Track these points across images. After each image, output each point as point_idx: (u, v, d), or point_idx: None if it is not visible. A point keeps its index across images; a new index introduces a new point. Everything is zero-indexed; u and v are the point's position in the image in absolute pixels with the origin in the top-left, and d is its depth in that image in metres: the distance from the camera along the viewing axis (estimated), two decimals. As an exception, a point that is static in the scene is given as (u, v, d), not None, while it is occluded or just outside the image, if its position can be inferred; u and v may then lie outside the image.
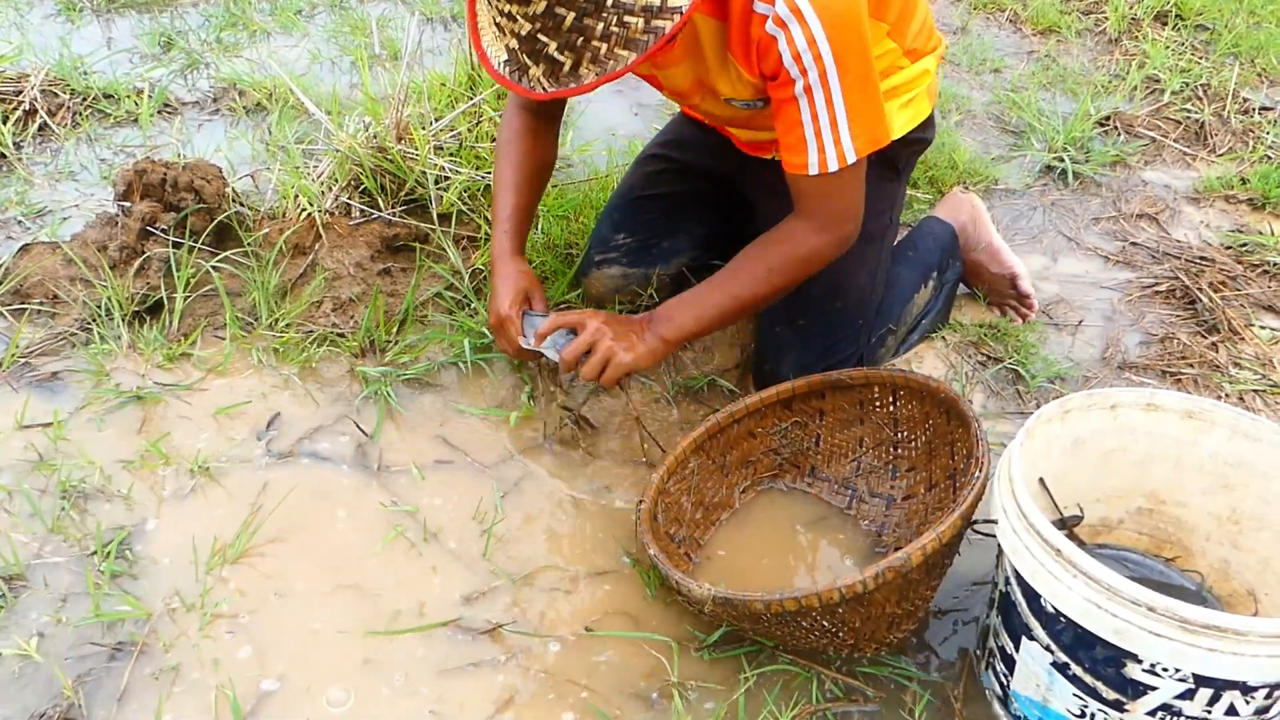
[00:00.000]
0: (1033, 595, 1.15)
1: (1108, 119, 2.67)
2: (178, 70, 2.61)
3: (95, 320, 1.75)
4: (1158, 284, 2.11)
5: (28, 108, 2.30)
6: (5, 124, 2.24)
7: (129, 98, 2.41)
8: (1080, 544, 1.40)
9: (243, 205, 1.96)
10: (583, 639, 1.37)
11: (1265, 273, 2.15)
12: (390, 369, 1.72)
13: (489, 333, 1.66)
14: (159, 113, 2.41)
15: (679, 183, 1.82)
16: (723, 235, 1.86)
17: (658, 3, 1.17)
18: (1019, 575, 1.16)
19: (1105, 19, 3.22)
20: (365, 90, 2.19)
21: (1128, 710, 1.13)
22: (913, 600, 1.30)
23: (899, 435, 1.59)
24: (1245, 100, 2.80)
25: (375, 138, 1.99)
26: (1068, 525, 1.37)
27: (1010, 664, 1.24)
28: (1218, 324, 1.99)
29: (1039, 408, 1.30)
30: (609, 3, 1.16)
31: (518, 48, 1.22)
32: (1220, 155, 2.60)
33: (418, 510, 1.52)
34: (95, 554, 1.40)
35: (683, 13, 1.17)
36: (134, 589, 1.37)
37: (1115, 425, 1.37)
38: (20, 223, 2.02)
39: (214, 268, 1.81)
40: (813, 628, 1.27)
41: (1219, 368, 1.89)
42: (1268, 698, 1.07)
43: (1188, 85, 2.84)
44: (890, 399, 1.58)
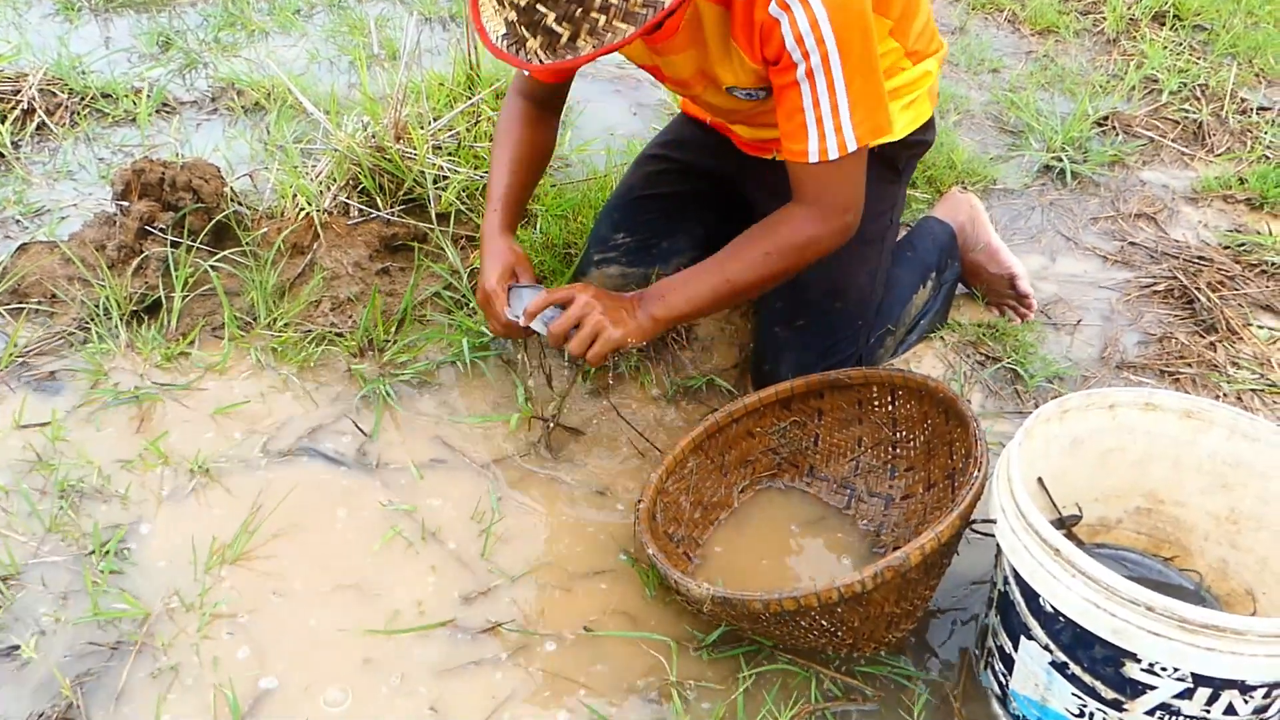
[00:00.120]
0: (1031, 595, 1.15)
1: (1106, 119, 2.67)
2: (176, 70, 2.61)
3: (93, 320, 1.74)
4: (1156, 284, 2.12)
5: (26, 107, 2.30)
6: (3, 123, 2.24)
7: (127, 97, 2.41)
8: (1079, 543, 1.40)
9: (241, 205, 1.96)
10: (581, 638, 1.37)
11: (1263, 272, 2.15)
12: (389, 368, 1.72)
13: (480, 309, 1.62)
14: (157, 112, 2.40)
15: (679, 183, 1.82)
16: (722, 236, 1.85)
17: None
18: (1018, 575, 1.16)
19: (1103, 19, 3.22)
20: (364, 90, 2.19)
21: (1126, 710, 1.13)
22: (911, 600, 1.30)
23: (897, 435, 1.59)
24: (1243, 100, 2.81)
25: (374, 137, 1.99)
26: (1066, 525, 1.37)
27: (1009, 663, 1.24)
28: (1216, 324, 1.99)
29: (1037, 407, 1.31)
30: None
31: (516, 19, 1.21)
32: (1218, 155, 2.60)
33: (416, 509, 1.52)
34: (93, 553, 1.39)
35: None
36: (132, 588, 1.37)
37: (1114, 425, 1.37)
38: (18, 222, 2.02)
39: (212, 267, 1.81)
40: (811, 627, 1.27)
41: (1217, 367, 1.89)
42: (1266, 697, 1.08)
43: (1186, 85, 2.84)
44: (889, 399, 1.58)
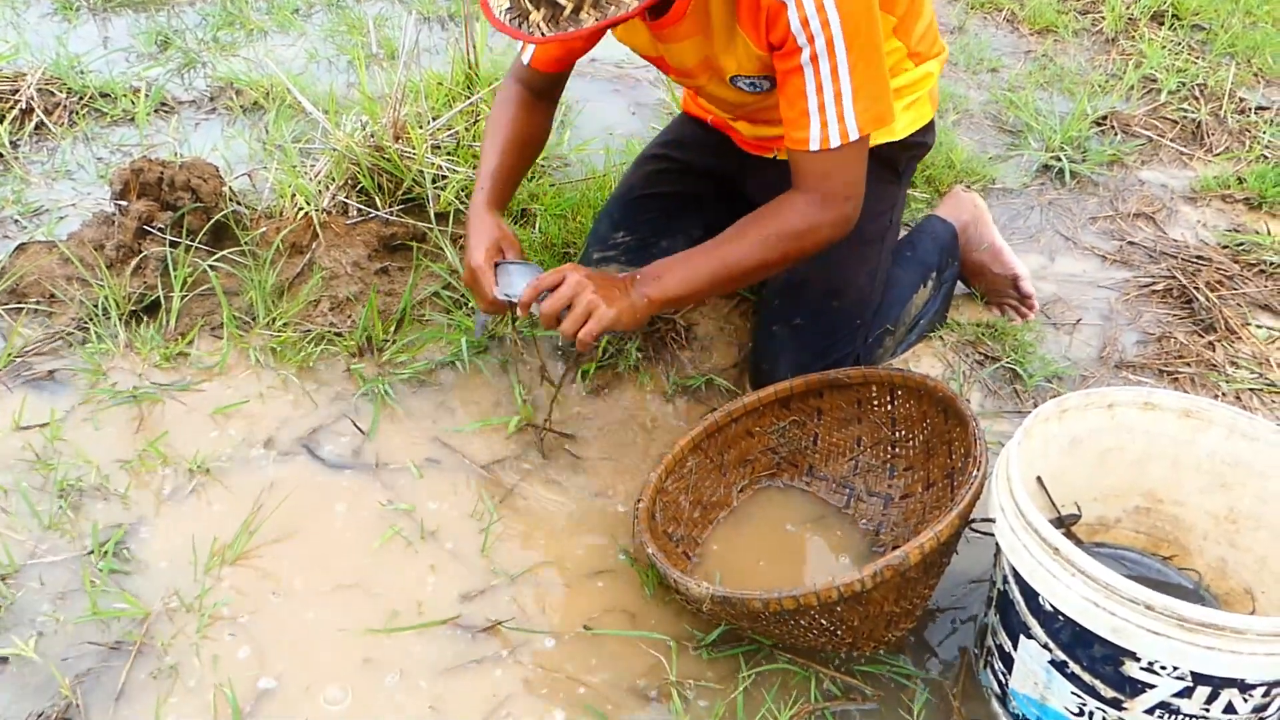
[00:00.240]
0: (1031, 594, 1.16)
1: (1105, 118, 2.67)
2: (174, 69, 2.61)
3: (92, 319, 1.74)
4: (1155, 283, 2.12)
5: (24, 106, 2.30)
6: (2, 123, 2.24)
7: (126, 97, 2.41)
8: (1078, 543, 1.40)
9: (240, 204, 1.95)
10: (581, 637, 1.37)
11: (1262, 272, 2.16)
12: (388, 368, 1.72)
13: (467, 287, 1.58)
14: (156, 112, 2.40)
15: (679, 183, 1.82)
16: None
17: None
18: (1017, 574, 1.17)
19: (1102, 19, 3.22)
20: (362, 89, 2.19)
21: (1126, 708, 1.13)
22: (911, 599, 1.30)
23: (897, 434, 1.59)
24: (1241, 100, 2.81)
25: (372, 137, 1.99)
26: (1065, 524, 1.38)
27: (1009, 662, 1.24)
28: (1214, 323, 1.99)
29: (1036, 407, 1.31)
30: None
31: None
32: (1217, 155, 2.60)
33: (415, 509, 1.52)
34: (92, 553, 1.39)
35: None
36: (132, 588, 1.37)
37: (1113, 424, 1.37)
38: (17, 221, 2.02)
39: (211, 267, 1.81)
40: (811, 626, 1.27)
41: (1216, 367, 1.90)
42: (1265, 695, 1.08)
43: (1184, 85, 2.84)
44: (888, 398, 1.58)
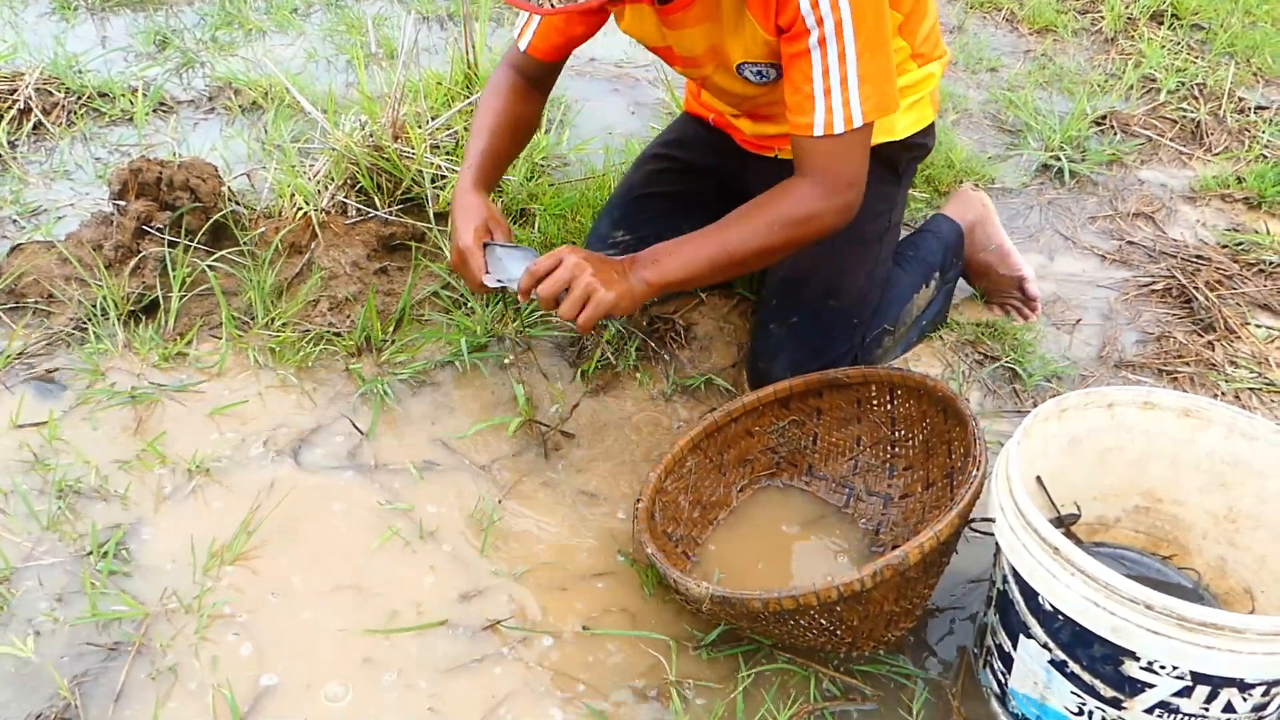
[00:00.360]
0: (1030, 593, 1.15)
1: (1104, 118, 2.67)
2: (173, 69, 2.61)
3: (90, 319, 1.74)
4: (1154, 282, 2.12)
5: (22, 106, 2.30)
6: (0, 123, 2.23)
7: (124, 96, 2.40)
8: (1077, 542, 1.40)
9: (238, 204, 1.95)
10: (580, 637, 1.37)
11: (1261, 271, 2.16)
12: (387, 368, 1.72)
13: (454, 271, 1.54)
14: (154, 111, 2.40)
15: (679, 182, 1.82)
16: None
17: None
18: (1016, 573, 1.16)
19: (1101, 18, 3.22)
20: (361, 89, 2.19)
21: (1125, 708, 1.13)
22: (910, 599, 1.30)
23: (896, 434, 1.59)
24: (1241, 99, 2.81)
25: (371, 136, 1.99)
26: (1065, 523, 1.37)
27: (1008, 662, 1.24)
28: (1214, 322, 1.99)
29: (1036, 406, 1.31)
30: None
31: None
32: (1216, 154, 2.60)
33: (414, 509, 1.52)
34: (91, 554, 1.39)
35: None
36: (130, 588, 1.36)
37: (1112, 424, 1.37)
38: (15, 221, 2.01)
39: (210, 267, 1.81)
40: (810, 626, 1.27)
41: (1215, 366, 1.90)
42: (1265, 695, 1.08)
43: (1184, 84, 2.84)
44: (887, 398, 1.58)
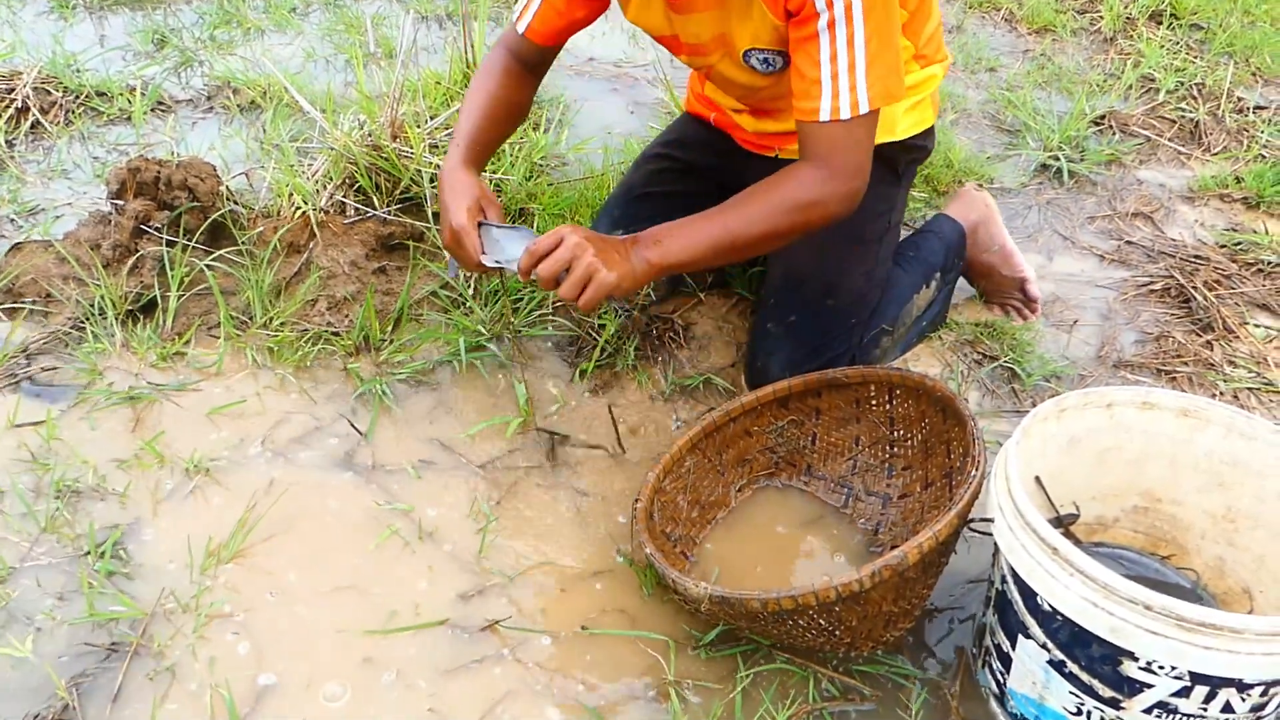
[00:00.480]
0: (1029, 593, 1.15)
1: (1103, 118, 2.67)
2: (171, 68, 2.60)
3: (88, 319, 1.74)
4: (1153, 282, 2.12)
5: (20, 105, 2.29)
6: (-2, 122, 2.23)
7: (122, 95, 2.40)
8: (1076, 542, 1.40)
9: (237, 204, 1.95)
10: (579, 637, 1.37)
11: (1259, 271, 2.16)
12: (385, 368, 1.72)
13: (447, 250, 1.50)
14: (152, 111, 2.40)
15: (679, 182, 1.81)
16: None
17: None
18: (1015, 573, 1.16)
19: (1100, 18, 3.22)
20: (360, 88, 2.19)
21: (1124, 708, 1.13)
22: (909, 599, 1.30)
23: (895, 434, 1.59)
24: (1240, 99, 2.81)
25: (370, 136, 1.98)
26: (1064, 523, 1.38)
27: (1007, 662, 1.24)
28: (1212, 322, 1.99)
29: (1035, 406, 1.31)
30: None
31: None
32: (1215, 154, 2.60)
33: (412, 509, 1.51)
34: (89, 554, 1.39)
35: None
36: (128, 589, 1.36)
37: (1111, 424, 1.37)
38: (13, 221, 2.01)
39: (208, 266, 1.80)
40: (809, 626, 1.27)
41: (1214, 366, 1.90)
42: (1263, 695, 1.08)
43: (1182, 84, 2.84)
44: (886, 398, 1.58)
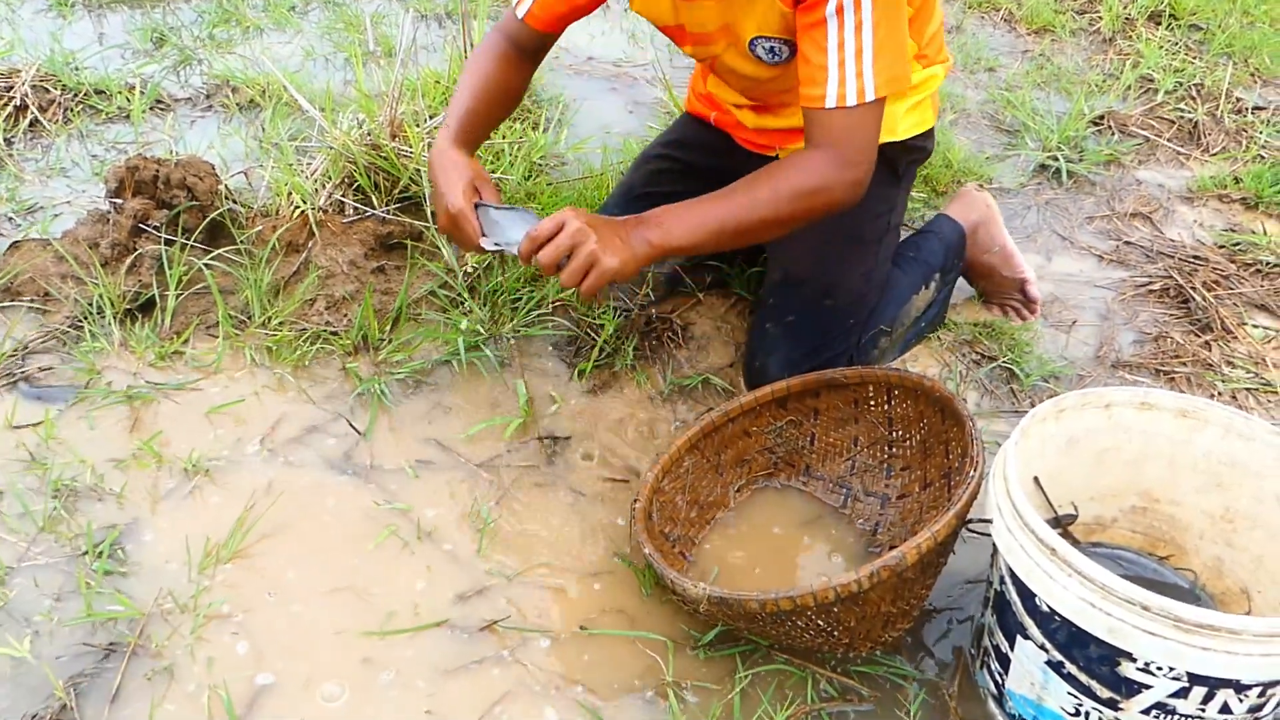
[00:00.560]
0: (1027, 594, 1.15)
1: (1102, 118, 2.67)
2: (170, 66, 2.60)
3: (86, 318, 1.73)
4: (1151, 283, 2.12)
5: (18, 104, 2.29)
6: (-4, 120, 2.23)
7: (121, 94, 2.40)
8: (1075, 543, 1.40)
9: (236, 203, 1.95)
10: (577, 638, 1.37)
11: (1258, 272, 2.16)
12: (384, 367, 1.71)
13: (444, 234, 1.47)
14: (151, 109, 2.39)
15: (679, 183, 1.81)
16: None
17: None
18: (1014, 574, 1.16)
19: (1099, 18, 3.22)
20: (359, 87, 2.18)
21: (1122, 709, 1.13)
22: (907, 599, 1.30)
23: (894, 434, 1.59)
24: (1239, 100, 2.81)
25: (369, 135, 1.98)
26: (1062, 524, 1.38)
27: (1005, 663, 1.24)
28: (1211, 323, 1.99)
29: (1033, 406, 1.31)
30: None
31: None
32: (1214, 155, 2.60)
33: (411, 509, 1.51)
34: (87, 554, 1.39)
35: None
36: (126, 589, 1.36)
37: (1109, 424, 1.37)
38: (11, 219, 2.01)
39: (206, 265, 1.80)
40: (808, 627, 1.27)
41: (1212, 366, 1.90)
42: (1261, 696, 1.08)
43: (1181, 85, 2.84)
44: (885, 398, 1.58)
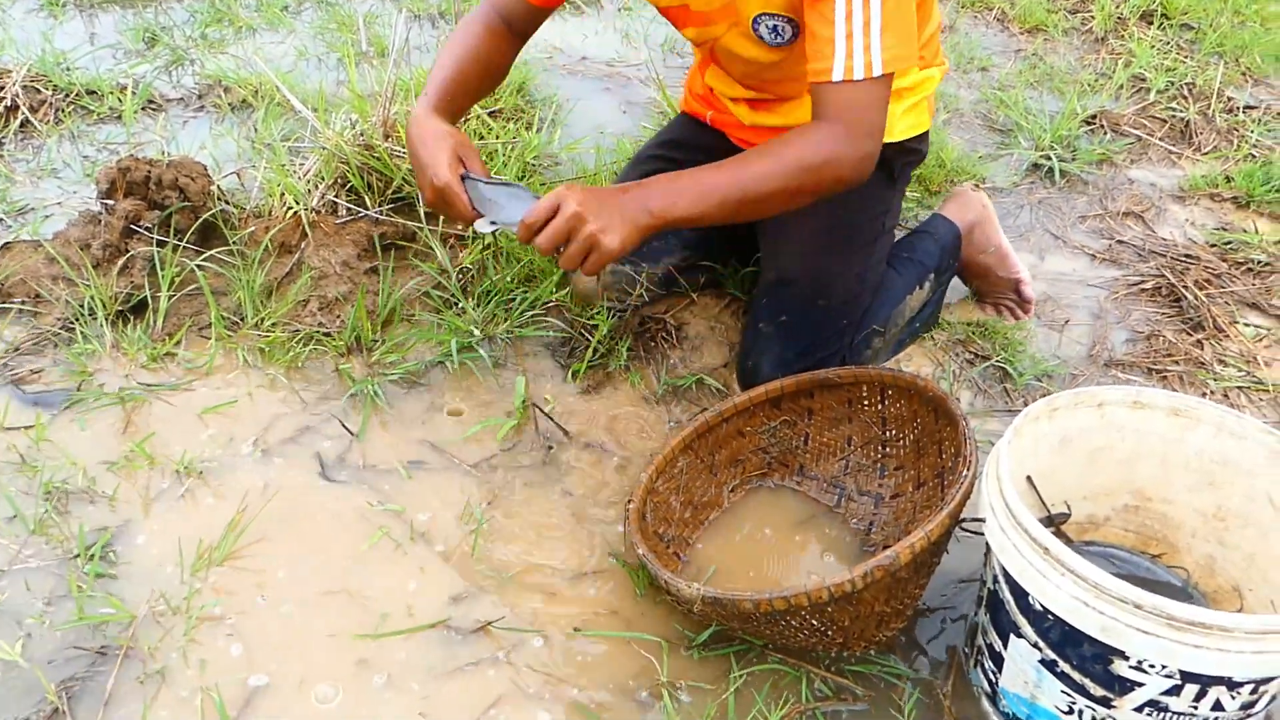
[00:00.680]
0: (1021, 593, 1.16)
1: (1094, 117, 2.68)
2: (162, 66, 2.59)
3: (78, 320, 1.73)
4: (1144, 282, 2.13)
5: (9, 104, 2.28)
6: (-14, 121, 2.22)
7: (112, 94, 2.39)
8: (1068, 541, 1.41)
9: (228, 203, 1.94)
10: (572, 638, 1.36)
11: (1249, 270, 2.17)
12: (377, 368, 1.71)
13: (431, 209, 1.40)
14: (143, 109, 2.39)
15: None
16: (715, 238, 1.85)
17: None
18: (1007, 573, 1.17)
19: (1092, 18, 3.23)
20: (352, 87, 2.18)
21: (1115, 706, 1.13)
22: (901, 599, 1.30)
23: (887, 434, 1.59)
24: (1230, 99, 2.82)
25: (362, 135, 1.98)
26: (1055, 523, 1.38)
27: (999, 661, 1.24)
28: (1203, 321, 2.00)
29: (1026, 406, 1.31)
30: None
31: None
32: (1205, 154, 2.61)
33: (404, 510, 1.51)
34: (78, 556, 1.38)
35: None
36: (118, 591, 1.36)
37: (1102, 423, 1.37)
38: (1, 220, 2.00)
39: (199, 266, 1.80)
40: (802, 626, 1.27)
41: (1204, 365, 1.90)
42: (1253, 693, 1.08)
43: (1173, 84, 2.85)
44: (878, 398, 1.59)
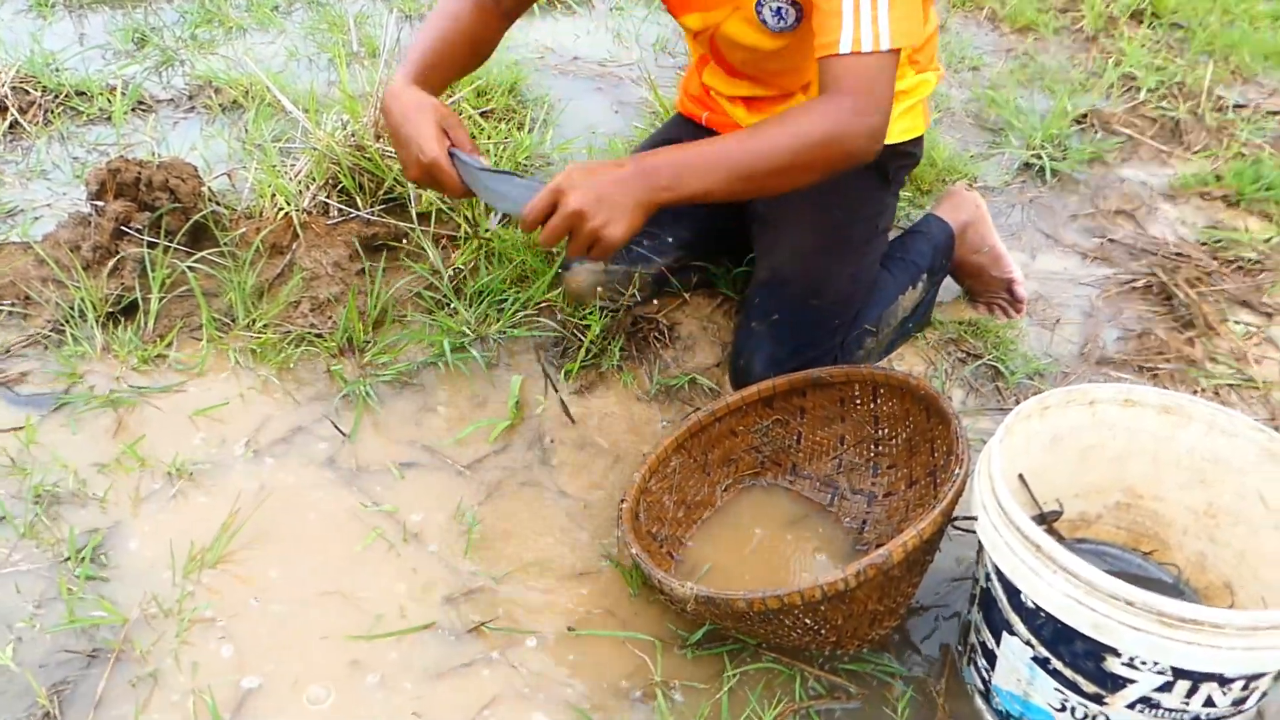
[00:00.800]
0: (1013, 591, 1.16)
1: (1085, 116, 2.69)
2: (152, 67, 2.58)
3: (68, 322, 1.72)
4: (1135, 280, 2.13)
5: (-2, 106, 2.27)
6: (-25, 122, 2.21)
7: (102, 95, 2.38)
8: (1059, 539, 1.41)
9: (219, 204, 1.93)
10: (565, 638, 1.36)
11: (1240, 268, 2.18)
12: (369, 369, 1.71)
13: (416, 184, 1.34)
14: (133, 110, 2.38)
15: None
16: (708, 238, 1.85)
17: None
18: (999, 571, 1.17)
19: (1082, 17, 3.24)
20: (343, 88, 2.17)
21: (1107, 703, 1.13)
22: (894, 597, 1.31)
23: (879, 433, 1.60)
24: (1220, 98, 2.83)
25: (353, 136, 1.97)
26: (1047, 521, 1.38)
27: (991, 659, 1.25)
28: (1193, 319, 2.01)
29: (1018, 404, 1.31)
30: None
31: None
32: (1195, 152, 2.62)
33: (397, 511, 1.51)
34: (69, 559, 1.38)
35: None
36: (110, 594, 1.35)
37: (1093, 421, 1.38)
38: (-9, 223, 1.99)
39: (190, 268, 1.79)
40: (795, 625, 1.27)
41: (1195, 363, 1.91)
42: (1244, 689, 1.09)
43: (1163, 83, 2.86)
44: (871, 397, 1.59)
